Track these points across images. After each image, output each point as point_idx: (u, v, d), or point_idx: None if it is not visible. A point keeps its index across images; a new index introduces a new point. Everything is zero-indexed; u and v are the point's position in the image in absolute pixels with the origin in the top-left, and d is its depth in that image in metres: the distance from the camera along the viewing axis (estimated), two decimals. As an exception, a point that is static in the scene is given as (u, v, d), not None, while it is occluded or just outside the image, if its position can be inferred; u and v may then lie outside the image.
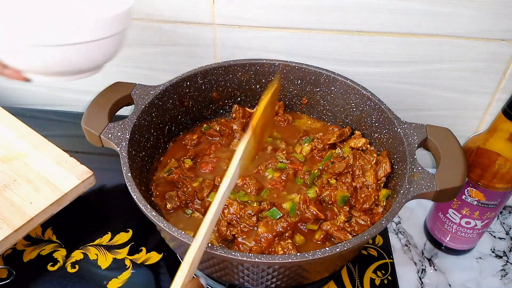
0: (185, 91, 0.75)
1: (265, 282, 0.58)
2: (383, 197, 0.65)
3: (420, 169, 0.60)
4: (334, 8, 0.76)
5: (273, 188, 0.69)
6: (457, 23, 0.74)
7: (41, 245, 0.74)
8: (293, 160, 0.74)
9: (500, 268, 0.80)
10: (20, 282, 0.70)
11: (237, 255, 0.51)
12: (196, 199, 0.68)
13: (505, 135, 0.63)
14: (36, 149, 0.80)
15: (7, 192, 0.73)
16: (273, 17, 0.79)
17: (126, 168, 0.60)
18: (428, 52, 0.79)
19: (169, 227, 0.54)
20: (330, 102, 0.78)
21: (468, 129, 0.89)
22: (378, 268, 0.73)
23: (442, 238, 0.79)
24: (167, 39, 0.86)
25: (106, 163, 0.87)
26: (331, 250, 0.52)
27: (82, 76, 0.63)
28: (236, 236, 0.63)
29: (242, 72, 0.78)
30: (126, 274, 0.70)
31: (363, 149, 0.73)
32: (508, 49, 0.76)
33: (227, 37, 0.84)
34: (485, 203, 0.70)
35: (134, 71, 0.93)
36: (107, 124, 0.65)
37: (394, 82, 0.84)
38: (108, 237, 0.76)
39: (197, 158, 0.75)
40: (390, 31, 0.77)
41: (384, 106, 0.69)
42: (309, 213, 0.64)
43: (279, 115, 0.82)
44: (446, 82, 0.83)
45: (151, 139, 0.72)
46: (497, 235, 0.85)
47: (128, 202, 0.59)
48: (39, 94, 1.03)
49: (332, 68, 0.76)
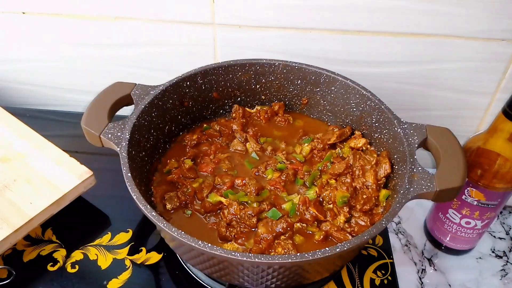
0: (185, 91, 0.75)
1: (265, 282, 0.58)
2: (383, 198, 0.65)
3: (420, 169, 0.60)
4: (334, 8, 0.76)
5: (273, 189, 0.69)
6: (457, 23, 0.74)
7: (41, 245, 0.74)
8: (293, 161, 0.74)
9: (500, 268, 0.80)
10: (20, 282, 0.70)
11: (237, 255, 0.51)
12: (196, 199, 0.68)
13: (505, 135, 0.63)
14: (36, 149, 0.80)
15: (7, 192, 0.73)
16: (273, 17, 0.79)
17: (126, 168, 0.60)
18: (428, 52, 0.79)
19: (169, 227, 0.54)
20: (330, 102, 0.78)
21: (468, 129, 0.89)
22: (378, 268, 0.73)
23: (442, 238, 0.79)
24: (167, 39, 0.86)
25: (106, 163, 0.87)
26: (331, 250, 0.52)
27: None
28: (236, 237, 0.63)
29: (242, 72, 0.78)
30: (126, 274, 0.70)
31: (363, 149, 0.73)
32: (508, 49, 0.76)
33: (227, 37, 0.84)
34: (485, 203, 0.70)
35: (134, 71, 0.93)
36: (107, 124, 0.65)
37: (394, 82, 0.84)
38: (108, 237, 0.76)
39: (197, 158, 0.74)
40: (390, 31, 0.77)
41: (384, 106, 0.69)
42: (309, 215, 0.64)
43: (279, 115, 0.82)
44: (446, 82, 0.83)
45: (151, 139, 0.72)
46: (497, 235, 0.85)
47: (128, 202, 0.59)
48: (39, 94, 1.03)
49: (332, 68, 0.76)
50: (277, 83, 0.80)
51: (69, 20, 0.87)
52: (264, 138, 0.78)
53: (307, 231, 0.64)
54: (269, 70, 0.78)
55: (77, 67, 0.95)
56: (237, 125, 0.78)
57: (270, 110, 0.82)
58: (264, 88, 0.81)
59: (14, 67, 0.98)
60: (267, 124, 0.81)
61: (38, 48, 0.93)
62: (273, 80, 0.79)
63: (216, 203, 0.66)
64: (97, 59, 0.93)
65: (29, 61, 0.96)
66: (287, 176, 0.70)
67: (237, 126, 0.78)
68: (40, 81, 1.00)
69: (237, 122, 0.79)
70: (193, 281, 0.70)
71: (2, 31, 0.91)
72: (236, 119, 0.80)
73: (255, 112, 0.82)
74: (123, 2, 0.82)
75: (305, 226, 0.65)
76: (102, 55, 0.92)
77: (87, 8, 0.84)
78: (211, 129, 0.79)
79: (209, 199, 0.67)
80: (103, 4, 0.83)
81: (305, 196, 0.66)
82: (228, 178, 0.70)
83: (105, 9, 0.84)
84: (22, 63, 0.97)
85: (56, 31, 0.89)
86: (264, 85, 0.80)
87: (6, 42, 0.93)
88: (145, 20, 0.84)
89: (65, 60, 0.94)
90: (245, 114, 0.81)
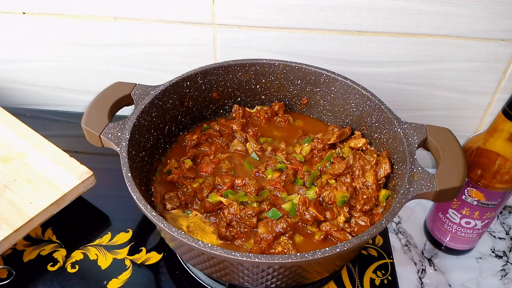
0: (185, 91, 0.75)
1: (265, 282, 0.58)
2: (383, 198, 0.65)
3: (420, 169, 0.60)
4: (334, 8, 0.76)
5: (273, 189, 0.69)
6: (457, 23, 0.74)
7: (41, 245, 0.74)
8: (293, 161, 0.74)
9: (500, 268, 0.80)
10: (20, 282, 0.70)
11: (237, 255, 0.51)
12: (196, 199, 0.68)
13: (505, 135, 0.63)
14: (36, 149, 0.80)
15: (7, 192, 0.73)
16: (273, 17, 0.79)
17: (126, 168, 0.60)
18: (428, 52, 0.79)
19: (169, 227, 0.54)
20: (330, 102, 0.78)
21: (468, 129, 0.89)
22: (378, 268, 0.73)
23: (442, 238, 0.79)
24: (167, 39, 0.86)
25: (106, 163, 0.87)
26: (331, 250, 0.52)
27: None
28: (236, 237, 0.63)
29: (242, 72, 0.78)
30: (126, 274, 0.70)
31: (363, 149, 0.73)
32: (508, 49, 0.76)
33: (227, 37, 0.84)
34: (485, 203, 0.70)
35: (134, 71, 0.93)
36: (107, 124, 0.65)
37: (394, 82, 0.84)
38: (108, 237, 0.76)
39: (197, 158, 0.74)
40: (390, 31, 0.77)
41: (384, 106, 0.69)
42: (308, 215, 0.64)
43: (279, 115, 0.82)
44: (446, 82, 0.83)
45: (151, 139, 0.72)
46: (497, 235, 0.85)
47: (128, 202, 0.59)
48: (39, 94, 1.03)
49: (332, 68, 0.76)
50: (277, 83, 0.80)
51: (69, 20, 0.87)
52: (264, 138, 0.78)
53: (307, 231, 0.64)
54: (269, 70, 0.78)
55: (77, 67, 0.95)
56: (237, 125, 0.78)
57: (270, 110, 0.82)
58: (264, 88, 0.81)
59: (14, 67, 0.98)
60: (267, 124, 0.81)
61: (38, 48, 0.93)
62: (273, 80, 0.79)
63: (216, 203, 0.66)
64: (97, 59, 0.93)
65: (29, 61, 0.96)
66: (287, 176, 0.70)
67: (237, 126, 0.78)
68: (40, 81, 1.00)
69: (237, 122, 0.79)
70: (193, 281, 0.70)
71: (2, 31, 0.91)
72: (236, 119, 0.80)
73: (255, 112, 0.82)
74: (123, 2, 0.82)
75: (305, 226, 0.65)
76: (102, 55, 0.92)
77: (87, 8, 0.84)
78: (211, 129, 0.79)
79: (209, 199, 0.67)
80: (103, 4, 0.83)
81: (305, 196, 0.66)
82: (228, 178, 0.70)
83: (105, 9, 0.84)
84: (22, 63, 0.97)
85: (56, 31, 0.89)
86: (264, 85, 0.80)
87: (6, 42, 0.93)
88: (145, 20, 0.84)
89: (65, 60, 0.94)
90: (245, 114, 0.81)
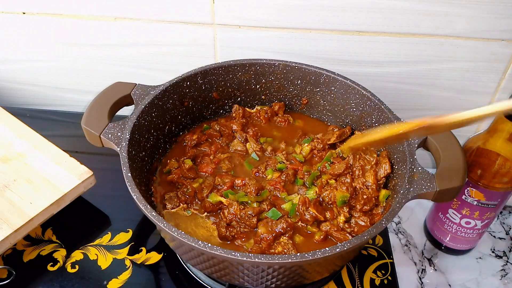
0: (185, 91, 0.75)
1: (265, 282, 0.58)
2: (383, 198, 0.65)
3: (420, 169, 0.60)
4: (334, 8, 0.76)
5: (273, 189, 0.69)
6: (457, 23, 0.74)
7: (41, 245, 0.74)
8: (293, 161, 0.74)
9: (500, 268, 0.80)
10: (20, 282, 0.70)
11: (237, 255, 0.51)
12: (196, 199, 0.68)
13: (505, 135, 0.63)
14: (36, 149, 0.80)
15: (7, 192, 0.73)
16: (273, 17, 0.79)
17: (126, 168, 0.60)
18: (428, 52, 0.79)
19: (169, 227, 0.54)
20: (330, 102, 0.78)
21: (468, 129, 0.89)
22: (378, 268, 0.73)
23: (442, 238, 0.79)
24: (167, 39, 0.86)
25: (106, 163, 0.87)
26: (331, 250, 0.52)
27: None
28: (236, 237, 0.63)
29: (242, 72, 0.78)
30: (126, 274, 0.70)
31: (363, 149, 0.73)
32: (508, 49, 0.76)
33: (227, 37, 0.84)
34: (485, 203, 0.70)
35: (134, 71, 0.93)
36: (107, 124, 0.65)
37: (394, 82, 0.84)
38: (108, 237, 0.76)
39: (197, 158, 0.74)
40: (390, 31, 0.77)
41: (384, 106, 0.69)
42: (308, 215, 0.64)
43: (279, 115, 0.82)
44: (446, 82, 0.83)
45: (151, 139, 0.72)
46: (497, 235, 0.85)
47: (128, 202, 0.59)
48: (39, 94, 1.03)
49: (332, 68, 0.76)
50: (277, 83, 0.80)
51: (69, 20, 0.87)
52: (264, 138, 0.78)
53: (307, 231, 0.64)
54: (269, 70, 0.78)
55: (77, 67, 0.95)
56: (237, 125, 0.78)
57: (270, 110, 0.82)
58: (264, 88, 0.81)
59: (14, 67, 0.98)
60: (267, 124, 0.81)
61: (38, 48, 0.93)
62: (273, 80, 0.79)
63: (216, 203, 0.66)
64: (97, 59, 0.93)
65: (29, 61, 0.96)
66: (287, 176, 0.70)
67: (237, 126, 0.78)
68: (40, 81, 1.00)
69: (237, 122, 0.79)
70: (193, 281, 0.70)
71: (2, 31, 0.91)
72: (236, 119, 0.80)
73: (255, 112, 0.82)
74: (123, 2, 0.82)
75: (305, 226, 0.65)
76: (102, 55, 0.92)
77: (87, 8, 0.84)
78: (211, 129, 0.79)
79: (209, 199, 0.67)
80: (103, 4, 0.83)
81: (305, 196, 0.66)
82: (228, 178, 0.70)
83: (105, 9, 0.84)
84: (22, 63, 0.97)
85: (56, 31, 0.89)
86: (264, 85, 0.80)
87: (6, 42, 0.93)
88: (145, 20, 0.84)
89: (65, 60, 0.94)
90: (245, 114, 0.81)
